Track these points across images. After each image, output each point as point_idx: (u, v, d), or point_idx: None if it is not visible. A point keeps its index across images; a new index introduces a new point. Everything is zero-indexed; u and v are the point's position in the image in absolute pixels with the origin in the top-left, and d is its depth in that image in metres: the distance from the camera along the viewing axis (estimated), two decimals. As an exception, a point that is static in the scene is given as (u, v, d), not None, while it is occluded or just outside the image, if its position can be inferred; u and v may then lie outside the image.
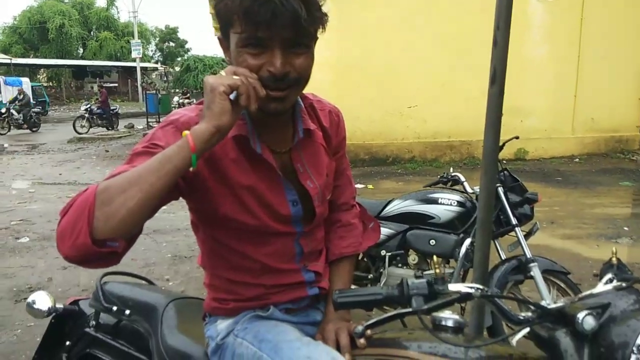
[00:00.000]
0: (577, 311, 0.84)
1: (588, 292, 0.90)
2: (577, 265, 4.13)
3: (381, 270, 2.95)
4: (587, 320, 0.82)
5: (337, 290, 0.96)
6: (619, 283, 0.92)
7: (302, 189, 1.16)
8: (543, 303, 0.91)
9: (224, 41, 1.05)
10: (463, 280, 2.75)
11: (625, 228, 5.55)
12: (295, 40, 0.97)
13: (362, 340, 1.01)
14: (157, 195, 0.87)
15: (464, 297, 0.89)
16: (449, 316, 0.99)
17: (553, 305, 0.88)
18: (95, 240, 0.84)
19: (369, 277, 2.98)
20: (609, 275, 1.00)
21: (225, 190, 1.08)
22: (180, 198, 1.09)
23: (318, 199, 1.18)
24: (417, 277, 0.94)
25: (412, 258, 2.92)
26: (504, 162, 10.52)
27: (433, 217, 2.92)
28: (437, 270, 0.96)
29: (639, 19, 10.67)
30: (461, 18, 9.00)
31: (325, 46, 8.83)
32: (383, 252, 2.93)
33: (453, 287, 0.93)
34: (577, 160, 10.18)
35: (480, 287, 0.93)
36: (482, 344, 0.91)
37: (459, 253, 2.73)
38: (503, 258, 2.75)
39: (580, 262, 4.29)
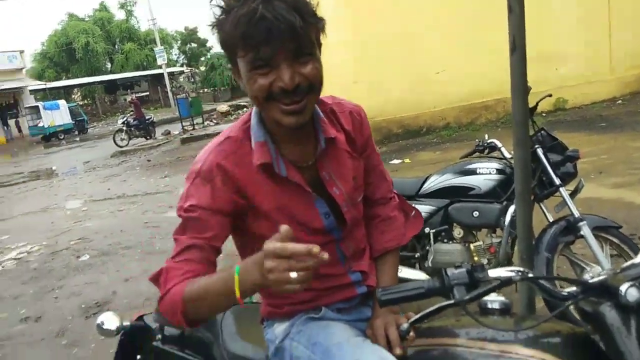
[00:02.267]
0: (619, 283, 0.84)
1: (630, 263, 0.90)
2: (631, 215, 4.00)
3: (427, 247, 2.96)
4: (630, 292, 0.82)
5: (380, 288, 1.00)
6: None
7: (330, 197, 1.19)
8: (585, 277, 0.92)
9: (234, 70, 1.08)
10: (512, 247, 2.73)
11: (680, 168, 5.32)
12: (298, 50, 0.99)
13: (411, 334, 1.05)
14: (223, 304, 1.05)
15: (505, 283, 0.91)
16: (494, 299, 1.01)
17: (595, 279, 0.89)
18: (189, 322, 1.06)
19: (416, 255, 2.99)
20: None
21: (259, 214, 1.13)
22: None
23: (346, 204, 1.20)
24: (456, 266, 0.96)
25: (457, 232, 2.91)
26: (543, 114, 10.16)
27: (474, 189, 2.89)
28: (476, 258, 0.98)
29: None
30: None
31: (341, 26, 8.75)
32: (427, 230, 2.92)
33: (493, 272, 0.94)
34: (620, 102, 9.72)
35: (520, 269, 0.94)
36: (528, 327, 0.93)
37: (504, 222, 2.70)
38: (551, 220, 2.70)
39: (634, 211, 4.15)
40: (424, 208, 2.95)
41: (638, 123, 7.87)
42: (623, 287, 0.83)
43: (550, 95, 3.05)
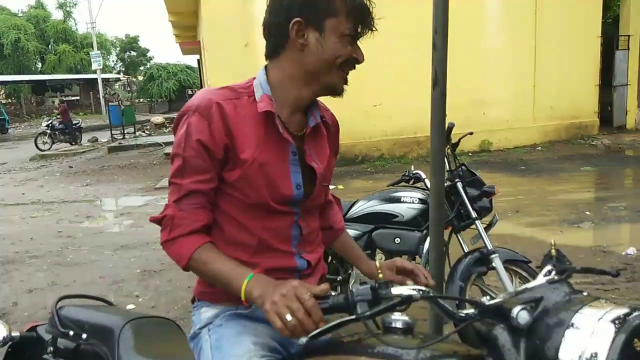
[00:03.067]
0: (513, 306, 0.87)
1: (523, 287, 0.94)
2: (541, 252, 4.22)
3: (350, 271, 2.98)
4: (521, 315, 0.85)
5: None
6: (552, 276, 0.95)
7: (307, 171, 1.22)
8: (483, 299, 0.94)
9: (309, 25, 1.13)
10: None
11: (587, 212, 5.73)
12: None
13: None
14: (225, 289, 1.11)
15: (406, 300, 0.91)
16: (398, 318, 1.01)
17: (491, 302, 0.91)
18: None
19: (338, 279, 3.00)
20: (548, 267, 1.04)
21: (236, 163, 1.15)
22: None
23: (320, 180, 1.25)
24: (361, 283, 0.97)
25: (379, 257, 2.95)
26: (470, 154, 10.72)
27: (397, 216, 2.96)
28: (381, 275, 0.98)
29: (592, 6, 11.03)
30: (421, 14, 9.12)
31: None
32: (350, 254, 2.94)
33: (396, 290, 0.94)
34: (539, 148, 10.45)
35: (422, 288, 0.95)
36: (426, 344, 0.93)
37: (422, 249, 2.78)
38: (466, 251, 2.80)
39: (545, 249, 4.31)
40: (350, 232, 2.97)
41: (554, 169, 8.48)
42: (515, 310, 0.86)
43: (471, 134, 3.21)
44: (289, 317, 0.91)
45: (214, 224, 1.20)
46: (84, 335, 1.45)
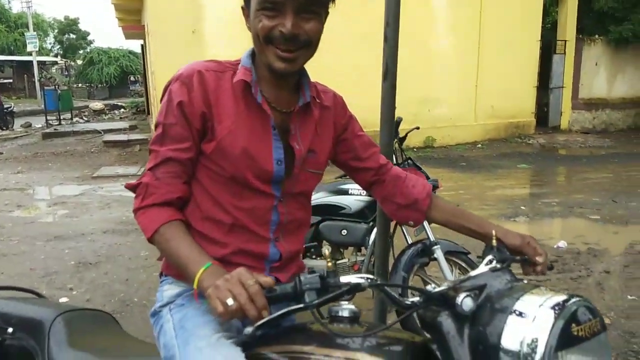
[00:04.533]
0: (457, 293, 0.88)
1: (467, 275, 0.95)
2: (480, 244, 4.40)
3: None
4: (465, 302, 0.86)
5: None
6: (495, 264, 0.97)
7: (289, 150, 1.18)
8: (428, 287, 0.95)
9: (245, 9, 1.15)
10: (374, 266, 2.83)
11: (523, 207, 6.02)
12: (306, 6, 1.07)
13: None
14: (182, 271, 1.08)
15: (354, 288, 0.90)
16: (344, 307, 1.00)
17: (436, 290, 0.92)
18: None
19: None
20: (489, 257, 1.06)
21: (215, 131, 1.12)
22: None
23: (299, 163, 1.20)
24: (310, 272, 0.95)
25: (326, 249, 2.95)
26: (414, 149, 10.98)
27: (344, 208, 2.98)
28: (329, 264, 0.97)
29: (533, 11, 11.55)
30: (373, 12, 9.21)
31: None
32: (296, 245, 2.94)
33: (345, 279, 0.93)
34: (479, 146, 10.85)
35: (370, 276, 0.94)
36: (372, 332, 0.93)
37: (368, 241, 2.80)
38: (409, 242, 2.86)
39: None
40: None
41: (493, 166, 8.83)
42: (459, 297, 0.87)
43: (418, 128, 3.28)
44: (230, 301, 0.88)
45: (191, 199, 1.18)
46: (10, 330, 1.35)
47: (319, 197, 3.04)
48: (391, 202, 1.37)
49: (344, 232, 2.92)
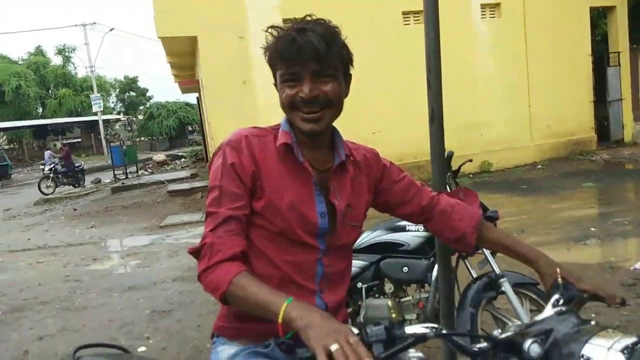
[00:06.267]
0: (523, 339, 0.89)
1: (534, 320, 0.96)
2: (549, 272, 4.24)
3: (360, 303, 2.98)
4: (532, 348, 0.88)
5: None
6: (560, 307, 0.98)
7: (331, 206, 1.27)
8: (495, 333, 0.97)
9: (275, 84, 1.25)
10: (439, 302, 2.80)
11: (592, 229, 5.73)
12: (322, 71, 1.17)
13: None
14: (260, 316, 1.08)
15: (420, 339, 0.94)
16: (412, 355, 1.04)
17: (503, 336, 0.94)
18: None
19: (349, 311, 3.00)
20: (556, 296, 1.07)
21: (264, 189, 1.22)
22: None
23: (341, 217, 1.28)
24: (375, 324, 0.98)
25: (388, 287, 2.96)
26: (470, 175, 10.75)
27: (403, 245, 2.98)
28: (394, 315, 1.01)
29: (580, 26, 11.27)
30: (415, 41, 9.34)
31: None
32: (359, 285, 2.96)
33: (410, 329, 0.97)
34: (539, 166, 10.50)
35: (435, 326, 0.97)
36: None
37: (431, 277, 2.78)
38: (474, 277, 2.81)
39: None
40: (357, 263, 2.99)
41: (555, 187, 8.50)
42: (526, 344, 0.88)
43: (470, 161, 3.26)
44: (334, 346, 0.85)
45: None
46: (103, 386, 1.46)
47: (376, 235, 3.06)
48: (441, 236, 1.46)
49: (405, 269, 2.91)
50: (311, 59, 1.15)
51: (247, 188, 1.20)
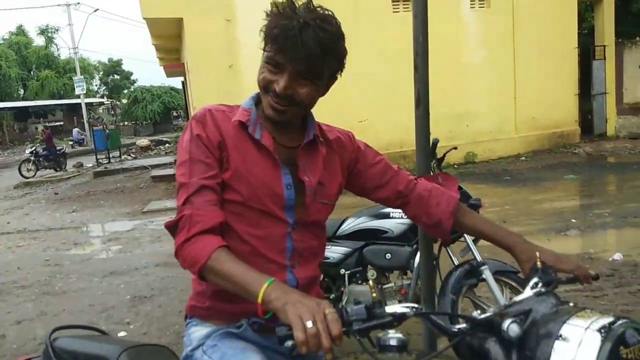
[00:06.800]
0: (502, 320, 0.89)
1: (513, 300, 0.96)
2: (530, 261, 4.29)
3: (342, 289, 2.99)
4: (512, 328, 0.88)
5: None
6: (539, 289, 0.98)
7: (298, 182, 1.25)
8: (474, 313, 0.97)
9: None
10: (421, 289, 2.82)
11: (573, 220, 5.82)
12: (305, 73, 1.14)
13: None
14: (240, 295, 1.05)
15: (399, 317, 0.93)
16: (392, 335, 1.03)
17: (482, 316, 0.94)
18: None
19: (331, 297, 3.00)
20: (534, 279, 1.07)
21: (229, 160, 1.21)
22: None
23: (311, 193, 1.27)
24: (355, 302, 0.98)
25: (371, 274, 2.97)
26: (455, 166, 10.81)
27: (387, 232, 2.98)
28: (374, 294, 1.00)
29: (568, 19, 11.33)
30: (403, 33, 9.30)
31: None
32: (342, 271, 2.97)
33: (390, 308, 0.96)
34: (523, 158, 10.61)
35: (415, 305, 0.97)
36: (420, 360, 0.95)
37: (413, 264, 2.80)
38: (456, 264, 2.83)
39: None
40: (340, 249, 3.00)
41: (538, 178, 8.60)
42: (505, 323, 0.88)
43: (455, 148, 3.27)
44: (309, 323, 0.85)
45: None
46: (77, 367, 1.43)
47: (360, 222, 3.06)
48: (419, 222, 1.45)
49: (388, 256, 2.92)
50: (300, 60, 1.12)
51: (215, 158, 1.20)
